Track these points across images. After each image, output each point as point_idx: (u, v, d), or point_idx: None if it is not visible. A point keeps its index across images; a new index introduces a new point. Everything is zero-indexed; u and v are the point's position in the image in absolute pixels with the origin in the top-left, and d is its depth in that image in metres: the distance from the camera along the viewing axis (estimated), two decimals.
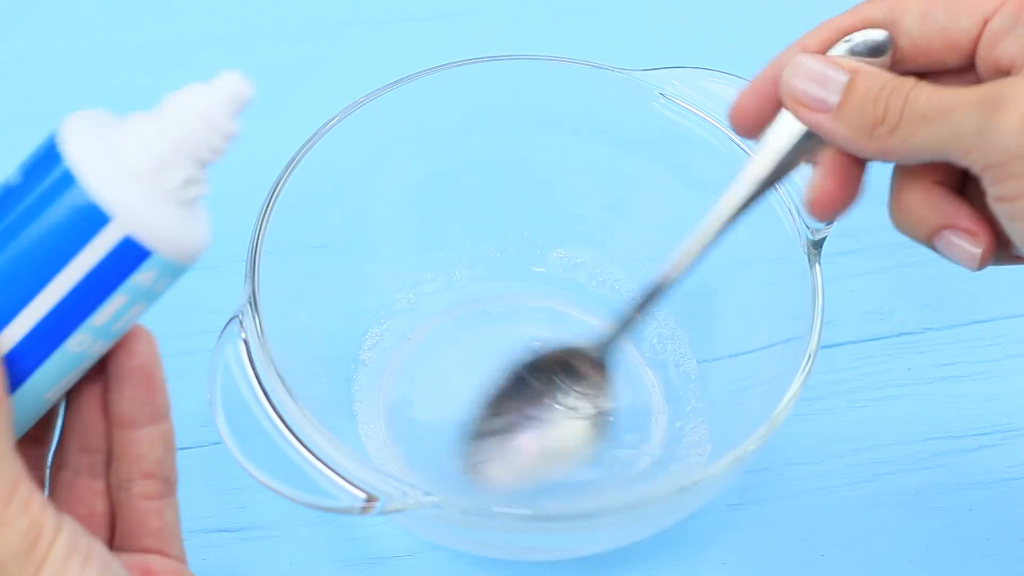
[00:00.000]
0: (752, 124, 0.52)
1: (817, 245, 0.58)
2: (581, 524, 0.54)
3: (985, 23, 0.48)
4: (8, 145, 0.73)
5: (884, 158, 0.49)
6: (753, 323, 0.62)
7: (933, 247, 0.50)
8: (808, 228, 0.59)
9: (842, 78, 0.48)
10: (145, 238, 0.42)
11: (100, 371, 0.46)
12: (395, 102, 0.62)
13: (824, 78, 0.48)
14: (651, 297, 0.56)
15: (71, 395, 0.47)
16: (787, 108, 0.50)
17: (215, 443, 0.59)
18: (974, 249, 0.49)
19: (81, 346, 0.44)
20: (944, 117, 0.46)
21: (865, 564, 0.61)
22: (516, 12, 0.79)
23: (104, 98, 0.74)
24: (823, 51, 0.50)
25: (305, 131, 0.61)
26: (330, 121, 0.61)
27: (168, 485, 0.48)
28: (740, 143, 0.60)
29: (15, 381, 0.44)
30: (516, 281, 0.67)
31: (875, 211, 0.71)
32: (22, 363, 0.43)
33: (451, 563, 0.60)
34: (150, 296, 0.44)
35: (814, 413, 0.65)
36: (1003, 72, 0.47)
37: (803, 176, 0.58)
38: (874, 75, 0.48)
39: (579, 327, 0.66)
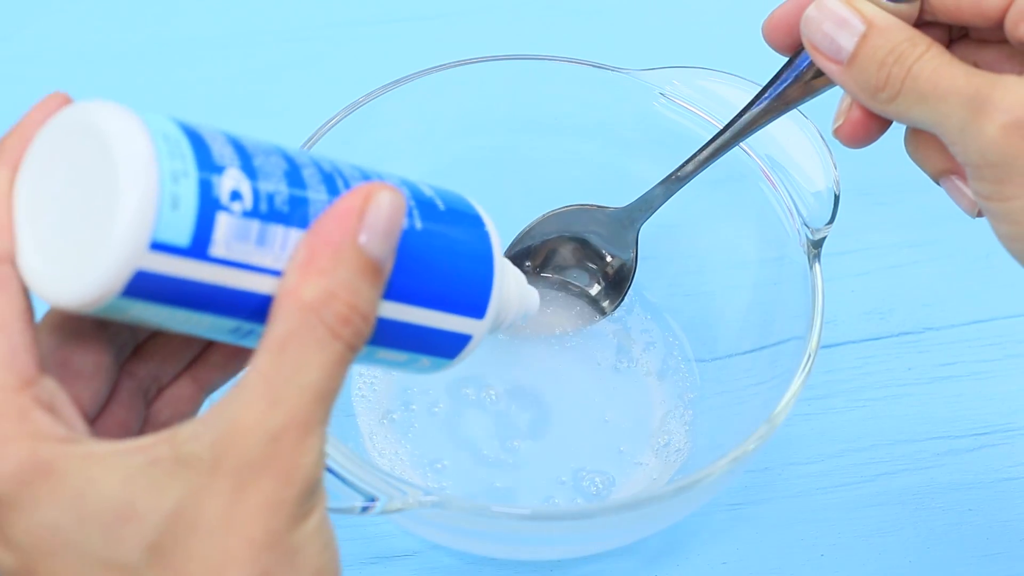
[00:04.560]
0: (785, 40, 0.51)
1: (817, 245, 0.58)
2: (581, 524, 0.54)
3: None
4: None
5: (887, 118, 0.49)
6: (753, 323, 0.62)
7: (940, 186, 0.50)
8: (808, 228, 0.59)
9: (858, 28, 0.47)
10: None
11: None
12: (395, 102, 0.62)
13: (839, 27, 0.47)
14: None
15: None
16: (807, 50, 0.49)
17: None
18: (972, 197, 0.48)
19: (384, 356, 0.45)
20: (937, 103, 0.46)
21: (865, 564, 0.61)
22: (516, 12, 0.79)
23: (104, 98, 0.75)
24: None
25: (305, 131, 0.61)
26: (330, 121, 0.61)
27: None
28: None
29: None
30: None
31: (875, 211, 0.72)
32: (379, 334, 0.44)
33: (451, 563, 0.60)
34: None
35: (814, 413, 0.65)
36: None
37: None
38: (887, 33, 0.47)
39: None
